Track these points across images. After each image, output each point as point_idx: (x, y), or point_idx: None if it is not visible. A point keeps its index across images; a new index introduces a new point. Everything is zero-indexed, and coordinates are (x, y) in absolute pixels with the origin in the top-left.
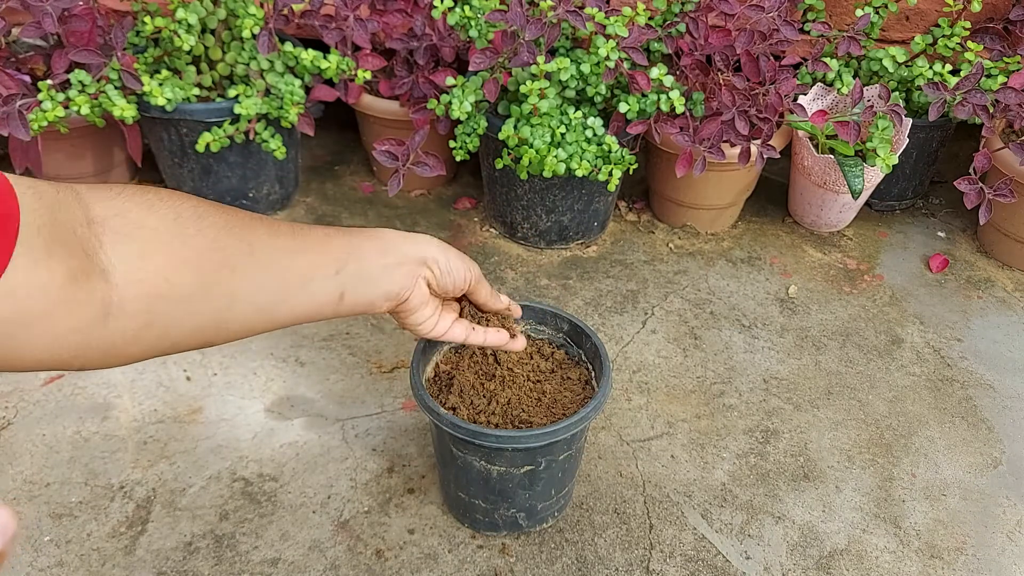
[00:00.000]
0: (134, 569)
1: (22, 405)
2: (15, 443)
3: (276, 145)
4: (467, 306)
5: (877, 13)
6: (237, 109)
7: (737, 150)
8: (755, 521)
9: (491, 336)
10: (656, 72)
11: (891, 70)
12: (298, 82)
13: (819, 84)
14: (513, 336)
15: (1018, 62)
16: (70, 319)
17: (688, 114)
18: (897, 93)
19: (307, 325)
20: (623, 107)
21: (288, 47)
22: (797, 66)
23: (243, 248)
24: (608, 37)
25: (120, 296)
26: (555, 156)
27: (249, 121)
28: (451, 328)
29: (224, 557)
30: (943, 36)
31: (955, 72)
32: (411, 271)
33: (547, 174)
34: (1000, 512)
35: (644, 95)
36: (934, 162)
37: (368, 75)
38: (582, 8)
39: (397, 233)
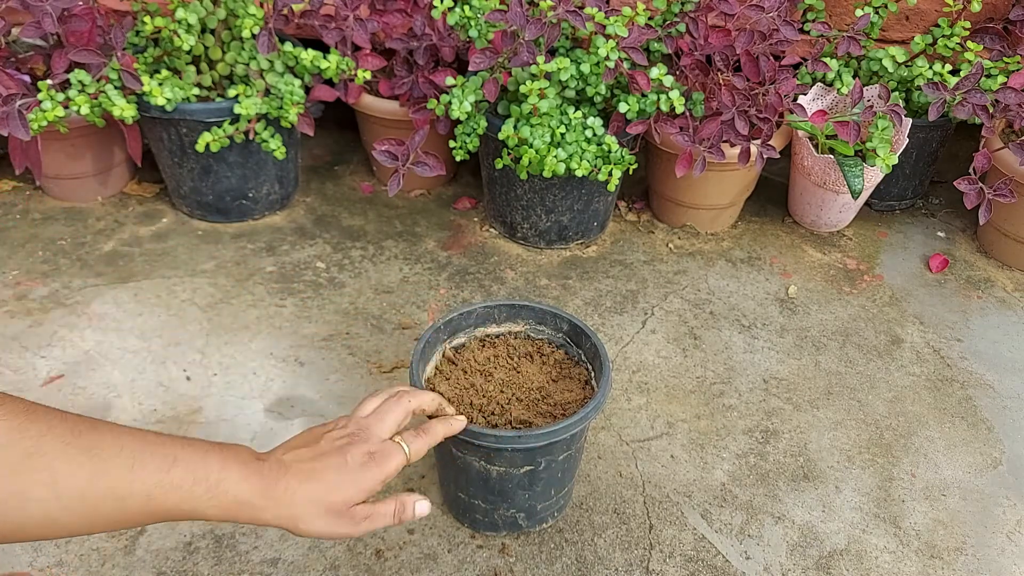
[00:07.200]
0: (134, 569)
1: None
2: None
3: (276, 145)
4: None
5: (877, 13)
6: (237, 109)
7: (737, 150)
8: (755, 521)
9: (439, 429)
10: (656, 72)
11: (891, 70)
12: (298, 82)
13: (819, 84)
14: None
15: (1018, 62)
16: None
17: (688, 114)
18: (897, 93)
19: (308, 325)
20: (623, 107)
21: (288, 47)
22: (797, 66)
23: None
24: (608, 37)
25: None
26: (555, 156)
27: (249, 121)
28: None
29: (224, 557)
30: (943, 36)
31: (955, 72)
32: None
33: (547, 174)
34: (1000, 512)
35: (644, 95)
36: (934, 162)
37: (368, 75)
38: (582, 8)
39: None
